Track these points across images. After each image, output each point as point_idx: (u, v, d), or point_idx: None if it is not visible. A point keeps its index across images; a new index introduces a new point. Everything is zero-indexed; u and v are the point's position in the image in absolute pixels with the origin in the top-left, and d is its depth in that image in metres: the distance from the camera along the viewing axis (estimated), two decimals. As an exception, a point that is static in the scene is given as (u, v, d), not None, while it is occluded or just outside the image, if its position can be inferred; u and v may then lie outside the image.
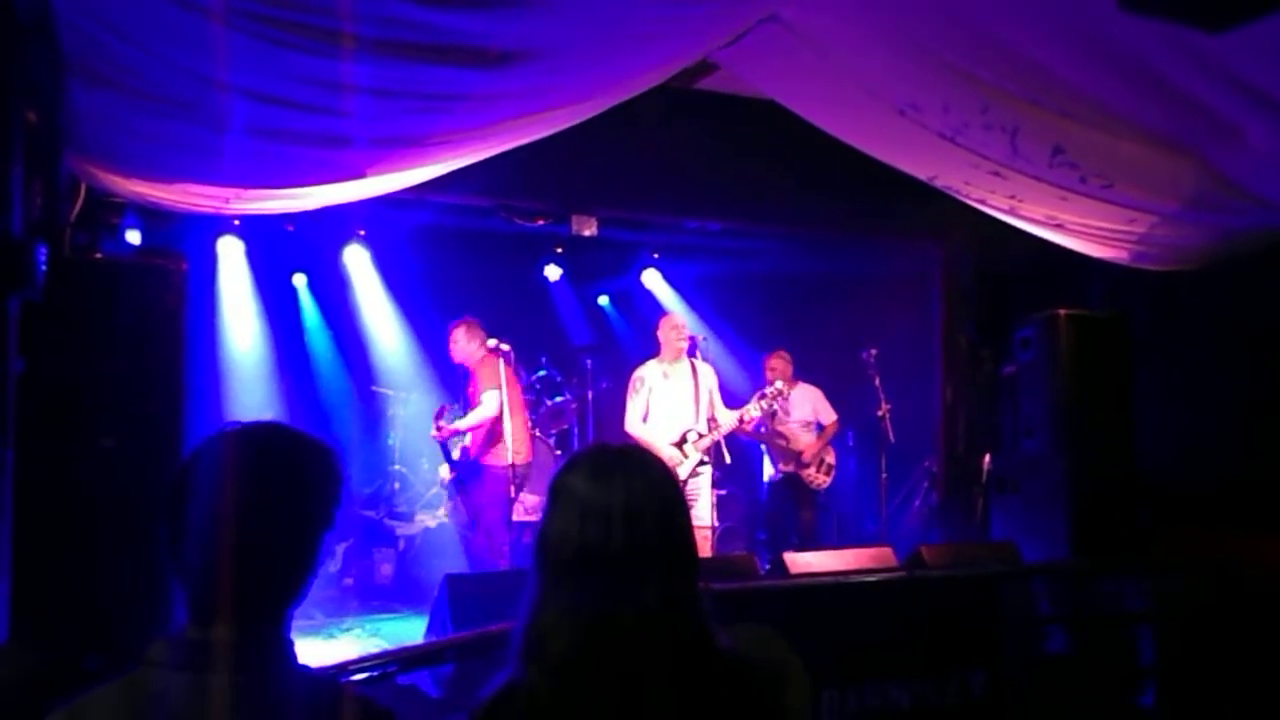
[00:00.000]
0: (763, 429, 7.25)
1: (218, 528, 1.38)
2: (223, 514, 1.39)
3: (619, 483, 1.56)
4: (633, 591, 1.50)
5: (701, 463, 6.22)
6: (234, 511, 1.39)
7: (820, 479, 7.40)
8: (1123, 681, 4.81)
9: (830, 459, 7.48)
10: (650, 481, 1.59)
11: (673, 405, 6.30)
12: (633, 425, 6.30)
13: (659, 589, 1.52)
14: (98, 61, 3.27)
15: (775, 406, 6.90)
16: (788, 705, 1.64)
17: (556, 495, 1.59)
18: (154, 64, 3.31)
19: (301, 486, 1.46)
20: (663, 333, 6.48)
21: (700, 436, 6.22)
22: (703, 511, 6.20)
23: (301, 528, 1.45)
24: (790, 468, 7.39)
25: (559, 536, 1.55)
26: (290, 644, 1.44)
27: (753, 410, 6.59)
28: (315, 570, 1.47)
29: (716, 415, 6.37)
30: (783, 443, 7.35)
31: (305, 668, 1.47)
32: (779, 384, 6.81)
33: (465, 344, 6.67)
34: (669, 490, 1.61)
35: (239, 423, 1.49)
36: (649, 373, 6.38)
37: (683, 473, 6.07)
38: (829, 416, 7.51)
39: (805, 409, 7.49)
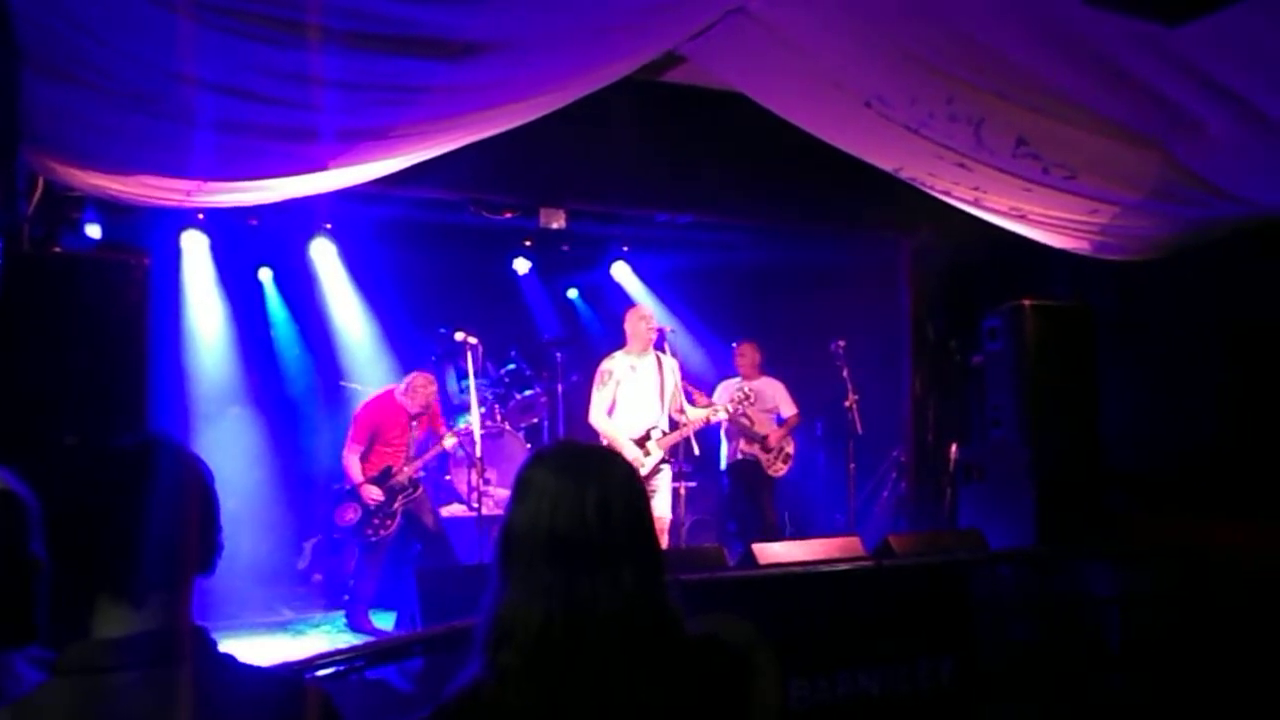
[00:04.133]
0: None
1: (127, 531, 1.42)
2: (131, 517, 1.42)
3: (590, 474, 1.58)
4: (606, 578, 1.51)
5: (663, 460, 6.19)
6: (110, 517, 1.43)
7: (779, 466, 7.56)
8: (1089, 665, 4.87)
9: (789, 449, 7.63)
10: (618, 475, 1.61)
11: (638, 398, 6.25)
12: (597, 418, 6.24)
13: (631, 576, 1.53)
14: (55, 54, 3.22)
15: (743, 409, 6.99)
16: (758, 693, 1.65)
17: (525, 487, 1.59)
18: (113, 57, 3.27)
19: (188, 485, 1.51)
20: (630, 324, 6.42)
21: (664, 434, 6.19)
22: (661, 506, 6.19)
23: (172, 523, 1.48)
24: (753, 450, 7.52)
25: (529, 526, 1.55)
26: (203, 630, 1.48)
27: (720, 414, 6.62)
28: (205, 558, 1.52)
29: (685, 411, 6.36)
30: (747, 423, 7.43)
31: (231, 657, 1.50)
32: (746, 389, 6.90)
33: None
34: (635, 484, 1.64)
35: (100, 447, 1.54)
36: (616, 365, 6.31)
37: (644, 470, 6.03)
38: (789, 409, 7.66)
39: (765, 400, 7.57)
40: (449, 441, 6.72)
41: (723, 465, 7.84)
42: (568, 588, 1.50)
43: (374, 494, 6.34)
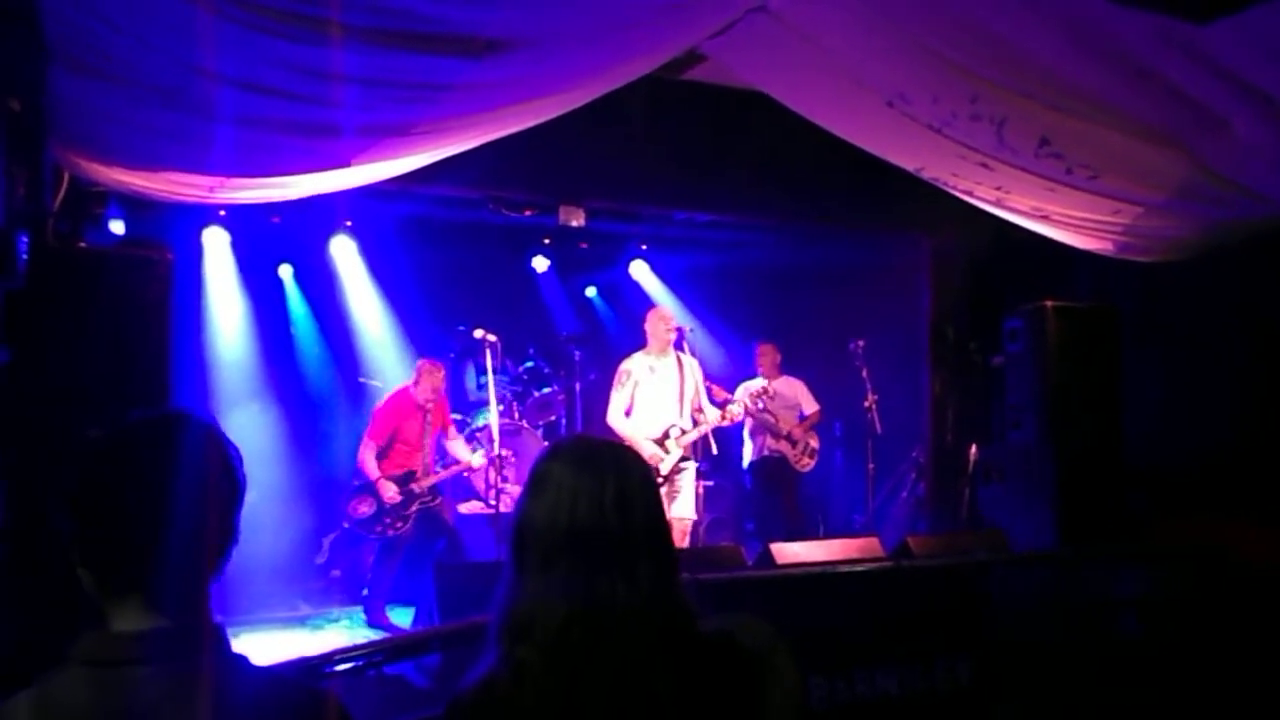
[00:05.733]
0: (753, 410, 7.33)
1: (111, 520, 1.38)
2: (115, 505, 1.38)
3: (608, 469, 1.57)
4: (625, 574, 1.51)
5: (683, 458, 6.18)
6: (125, 501, 1.38)
7: (805, 461, 7.64)
8: (1109, 667, 4.84)
9: (814, 443, 7.71)
10: (635, 470, 1.61)
11: (658, 399, 6.25)
12: (614, 418, 6.25)
13: (649, 572, 1.53)
14: (81, 49, 3.24)
15: (760, 404, 6.99)
16: (775, 691, 1.64)
17: (542, 481, 1.58)
18: (139, 51, 3.28)
19: (189, 466, 1.45)
20: (650, 325, 6.43)
21: (683, 433, 6.18)
22: (684, 506, 6.19)
23: (192, 505, 1.42)
24: (780, 446, 7.59)
25: (546, 521, 1.54)
26: (219, 629, 1.43)
27: (735, 410, 6.60)
28: (221, 549, 1.46)
29: (705, 411, 6.35)
30: (770, 419, 7.49)
31: (243, 658, 1.46)
32: (763, 383, 6.90)
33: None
34: (650, 480, 1.64)
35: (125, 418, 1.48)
36: (635, 366, 6.33)
37: (665, 468, 6.02)
38: (811, 406, 7.77)
39: (788, 399, 7.62)
40: (478, 461, 6.77)
41: (745, 464, 7.85)
42: (588, 583, 1.50)
43: (391, 492, 6.35)
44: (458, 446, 6.95)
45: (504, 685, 1.47)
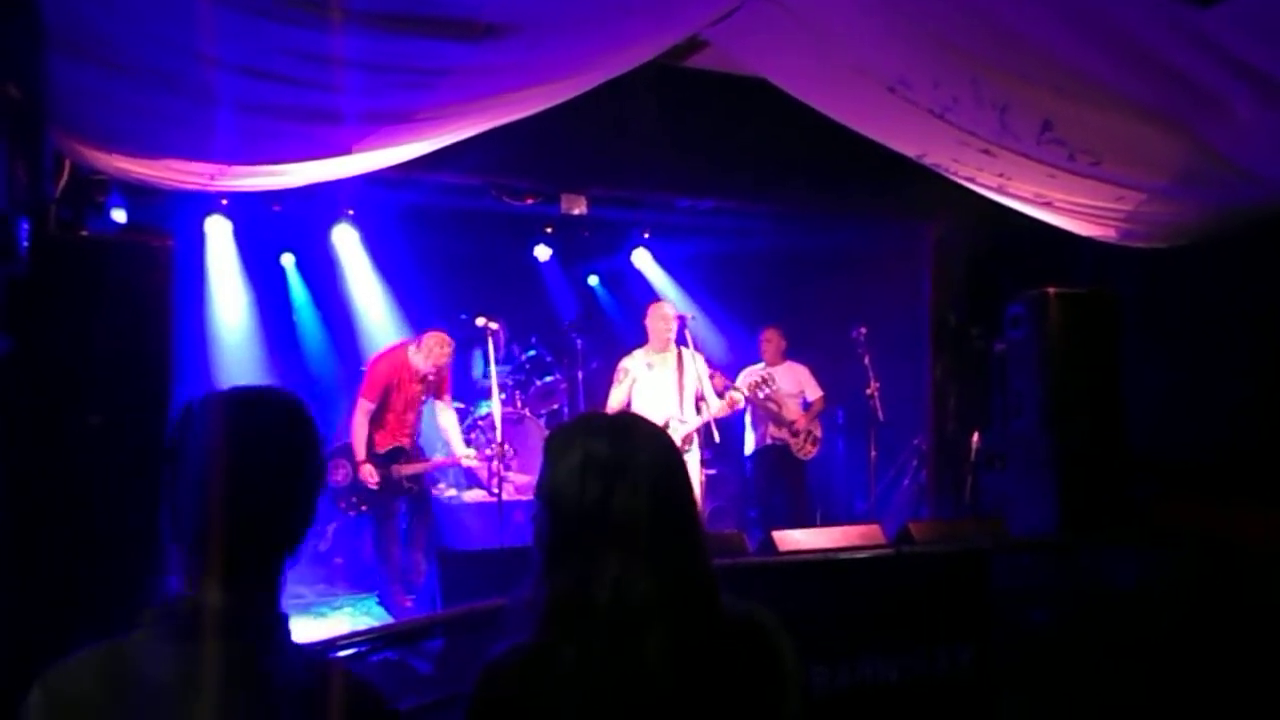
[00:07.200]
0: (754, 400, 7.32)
1: (207, 489, 1.38)
2: (212, 474, 1.39)
3: (641, 447, 1.57)
4: (658, 552, 1.51)
5: (683, 449, 6.17)
6: (222, 471, 1.39)
7: (808, 449, 7.60)
8: (1110, 655, 4.85)
9: (817, 432, 7.68)
10: (662, 442, 1.62)
11: (656, 395, 6.27)
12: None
13: (682, 552, 1.54)
14: (81, 35, 3.24)
15: (762, 393, 6.99)
16: (789, 673, 1.65)
17: (571, 456, 1.56)
18: (138, 37, 3.28)
19: (288, 443, 1.46)
20: (650, 322, 6.46)
21: (681, 424, 6.20)
22: None
23: (287, 483, 1.44)
24: (782, 434, 7.55)
25: (576, 498, 1.53)
26: (284, 617, 1.43)
27: (736, 397, 6.60)
28: (304, 532, 1.47)
29: (708, 401, 6.34)
30: (774, 407, 7.45)
31: (299, 644, 1.46)
32: (764, 369, 6.90)
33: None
34: (679, 457, 1.63)
35: (223, 388, 1.49)
36: (634, 364, 6.36)
37: None
38: (815, 393, 7.71)
39: (790, 385, 7.60)
40: (469, 460, 6.63)
41: (748, 451, 7.85)
42: (622, 562, 1.49)
43: (371, 479, 6.22)
44: (447, 418, 6.71)
45: (535, 662, 1.48)
